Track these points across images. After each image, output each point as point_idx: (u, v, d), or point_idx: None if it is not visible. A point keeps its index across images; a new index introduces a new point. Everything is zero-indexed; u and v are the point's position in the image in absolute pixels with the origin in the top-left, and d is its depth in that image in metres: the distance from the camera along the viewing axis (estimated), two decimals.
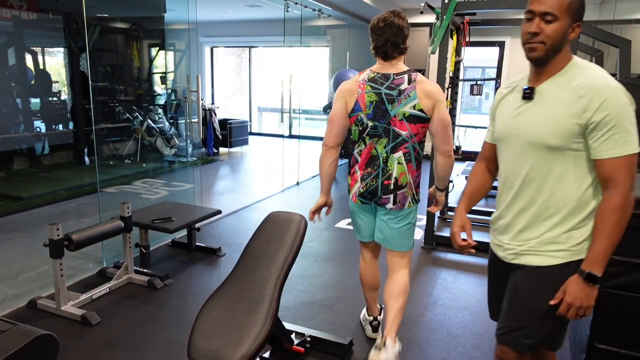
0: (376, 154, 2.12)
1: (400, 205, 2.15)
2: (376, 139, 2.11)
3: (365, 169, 2.16)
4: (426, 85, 2.10)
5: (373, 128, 2.10)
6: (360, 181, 2.17)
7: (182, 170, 6.91)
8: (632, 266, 1.82)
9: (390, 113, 2.07)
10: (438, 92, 2.11)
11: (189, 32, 6.66)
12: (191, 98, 4.63)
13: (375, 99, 2.08)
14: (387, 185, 2.12)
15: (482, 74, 13.89)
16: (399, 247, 2.27)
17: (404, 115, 2.06)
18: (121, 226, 2.96)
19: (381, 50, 2.16)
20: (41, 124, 6.64)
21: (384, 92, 2.08)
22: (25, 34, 6.24)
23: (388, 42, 2.14)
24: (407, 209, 2.18)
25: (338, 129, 2.18)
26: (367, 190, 2.16)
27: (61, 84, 7.07)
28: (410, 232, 2.26)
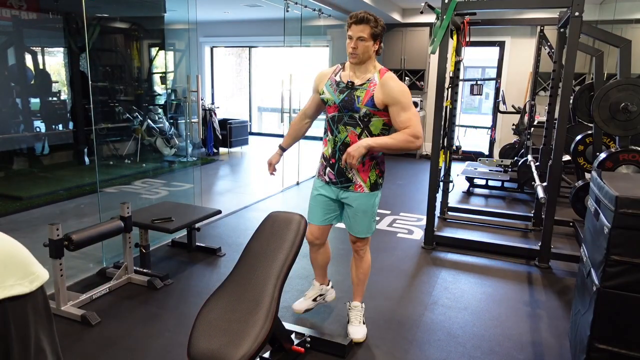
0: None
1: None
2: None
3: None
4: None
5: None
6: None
7: (182, 170, 6.91)
8: (632, 266, 1.82)
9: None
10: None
11: (189, 32, 6.65)
12: (191, 98, 4.63)
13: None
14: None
15: (482, 74, 13.87)
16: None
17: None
18: (121, 226, 2.96)
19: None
20: (41, 124, 6.64)
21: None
22: (25, 34, 6.24)
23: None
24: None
25: None
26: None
27: (61, 84, 7.07)
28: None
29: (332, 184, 2.42)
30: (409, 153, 8.36)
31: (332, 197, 2.45)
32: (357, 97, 2.26)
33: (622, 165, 3.54)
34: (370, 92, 2.24)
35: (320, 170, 2.49)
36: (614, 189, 1.87)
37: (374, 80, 2.26)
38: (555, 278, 3.41)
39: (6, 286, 0.86)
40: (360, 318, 2.60)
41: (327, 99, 2.35)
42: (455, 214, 4.85)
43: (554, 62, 4.13)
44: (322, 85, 2.39)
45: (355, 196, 2.39)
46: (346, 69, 2.36)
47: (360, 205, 2.39)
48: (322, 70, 2.48)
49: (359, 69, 2.29)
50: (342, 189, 2.41)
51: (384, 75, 2.27)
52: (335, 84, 2.34)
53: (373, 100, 2.23)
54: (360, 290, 2.62)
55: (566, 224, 4.44)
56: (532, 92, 5.46)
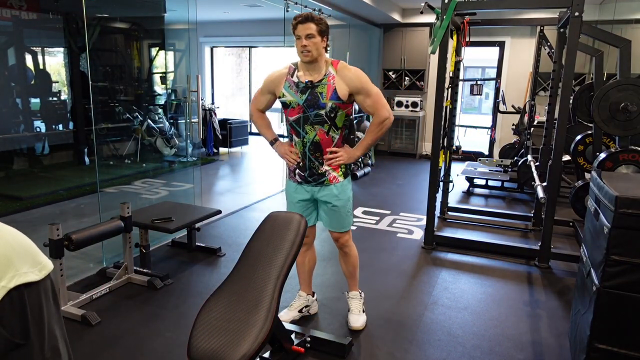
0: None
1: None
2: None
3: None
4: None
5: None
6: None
7: (182, 170, 6.91)
8: (632, 266, 1.82)
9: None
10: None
11: (189, 32, 6.64)
12: (191, 98, 4.62)
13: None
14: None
15: (482, 74, 13.88)
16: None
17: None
18: (121, 226, 2.96)
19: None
20: (41, 124, 6.63)
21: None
22: (25, 34, 6.24)
23: None
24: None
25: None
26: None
27: (61, 84, 7.07)
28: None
29: (305, 183, 2.44)
30: (409, 153, 8.36)
31: (307, 197, 2.48)
32: (319, 94, 2.28)
33: (622, 165, 3.54)
34: (331, 86, 2.27)
35: (290, 173, 2.50)
36: (614, 189, 1.87)
37: (330, 73, 2.29)
38: (555, 278, 3.41)
39: (21, 273, 0.93)
40: (360, 307, 2.67)
41: (290, 101, 2.34)
42: (455, 214, 4.85)
43: (554, 62, 4.13)
44: (279, 88, 2.37)
45: (332, 189, 2.41)
46: (300, 69, 2.35)
47: (338, 199, 2.42)
48: (273, 71, 2.44)
49: (313, 67, 2.29)
50: (317, 186, 2.43)
51: (337, 66, 2.30)
52: (294, 85, 2.33)
53: (337, 92, 2.27)
54: (354, 281, 2.71)
55: (566, 224, 4.44)
56: (532, 92, 5.46)
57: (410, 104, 8.16)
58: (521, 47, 7.61)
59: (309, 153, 2.37)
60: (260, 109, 2.54)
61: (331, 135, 2.34)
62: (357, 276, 2.72)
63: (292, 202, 2.54)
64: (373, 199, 5.43)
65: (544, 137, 4.15)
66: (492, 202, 5.55)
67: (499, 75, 7.89)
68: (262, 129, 2.58)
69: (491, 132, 7.96)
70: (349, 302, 2.72)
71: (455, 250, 3.86)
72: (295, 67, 2.37)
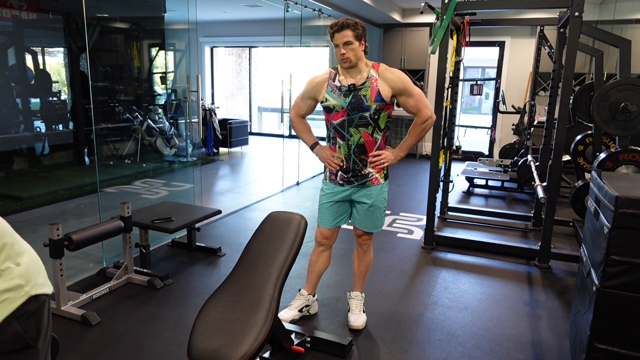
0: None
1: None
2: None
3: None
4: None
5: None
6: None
7: (182, 170, 6.91)
8: (632, 266, 1.82)
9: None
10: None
11: (189, 32, 6.65)
12: (191, 98, 4.62)
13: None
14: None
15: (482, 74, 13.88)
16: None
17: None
18: (121, 226, 2.96)
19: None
20: (41, 124, 6.64)
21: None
22: (25, 34, 6.24)
23: None
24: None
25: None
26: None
27: (61, 84, 7.07)
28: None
29: (348, 184, 2.46)
30: (409, 153, 8.33)
31: (345, 199, 2.51)
32: (363, 97, 2.31)
33: (622, 165, 3.54)
34: (375, 89, 2.30)
35: (331, 175, 2.51)
36: (614, 189, 1.87)
37: (373, 76, 2.32)
38: (555, 278, 3.41)
39: (40, 284, 1.09)
40: (361, 307, 2.69)
41: (334, 105, 2.36)
42: (455, 214, 4.85)
43: (554, 62, 4.13)
44: (322, 92, 2.40)
45: (373, 190, 2.45)
46: (341, 73, 2.37)
47: (376, 199, 2.47)
48: (315, 76, 2.45)
49: (353, 71, 2.32)
50: (358, 188, 2.46)
51: (379, 69, 2.34)
52: (337, 89, 2.36)
53: (380, 95, 2.30)
54: (362, 282, 2.74)
55: (566, 224, 4.44)
56: (532, 92, 5.46)
57: None
58: (521, 47, 7.61)
59: (353, 155, 2.40)
60: (301, 114, 2.56)
61: (375, 137, 2.38)
62: (365, 278, 2.74)
63: (325, 203, 2.55)
64: None
65: (544, 137, 4.15)
66: (492, 202, 5.55)
67: (499, 75, 7.89)
68: (302, 133, 2.59)
69: (491, 132, 7.96)
70: (350, 302, 2.72)
71: (455, 250, 3.86)
72: (336, 71, 2.39)
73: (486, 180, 6.03)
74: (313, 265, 2.71)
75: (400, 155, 2.45)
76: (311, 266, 2.72)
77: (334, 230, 2.61)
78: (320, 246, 2.66)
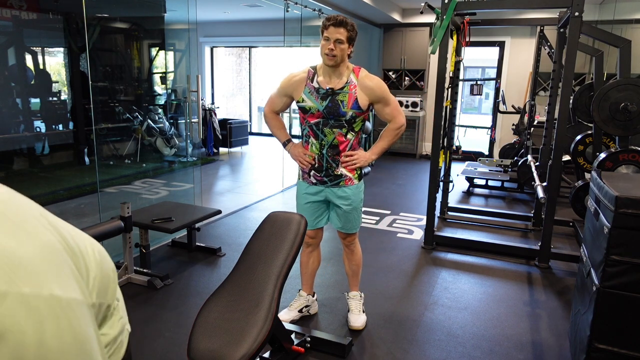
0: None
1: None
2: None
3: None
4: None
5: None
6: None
7: (182, 170, 6.91)
8: (632, 266, 1.82)
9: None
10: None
11: (189, 32, 6.64)
12: (191, 98, 4.62)
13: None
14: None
15: (482, 74, 13.88)
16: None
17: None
18: (121, 226, 2.96)
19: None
20: (41, 124, 6.63)
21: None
22: (25, 34, 6.23)
23: None
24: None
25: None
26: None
27: (61, 84, 7.07)
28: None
29: (321, 184, 2.45)
30: (409, 153, 8.37)
31: (320, 198, 2.50)
32: (340, 102, 2.29)
33: (622, 165, 3.54)
34: (353, 95, 2.29)
35: (304, 174, 2.51)
36: (614, 189, 1.87)
37: (352, 81, 2.30)
38: (555, 278, 3.41)
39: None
40: (360, 307, 2.69)
41: (309, 106, 2.35)
42: (455, 214, 4.85)
43: (554, 62, 4.13)
44: (299, 92, 2.37)
45: (347, 191, 2.43)
46: (320, 73, 2.35)
47: (352, 200, 2.45)
48: (293, 74, 2.42)
49: (334, 72, 2.30)
50: (332, 187, 2.44)
51: (359, 75, 2.32)
52: (314, 90, 2.33)
53: (357, 102, 2.29)
54: (356, 281, 2.74)
55: (566, 224, 4.44)
56: (532, 92, 5.46)
57: (410, 104, 8.16)
58: (521, 47, 7.61)
59: (326, 155, 2.39)
60: (276, 110, 2.55)
61: (348, 137, 2.38)
62: (359, 276, 2.74)
63: (301, 204, 2.55)
64: (373, 199, 5.43)
65: (544, 137, 4.15)
66: (492, 202, 5.55)
67: (499, 75, 7.89)
68: (275, 129, 2.59)
69: (491, 132, 7.96)
70: (349, 302, 2.72)
71: (455, 250, 3.86)
72: (314, 71, 2.37)
73: (486, 180, 6.03)
74: (305, 266, 2.72)
75: (372, 157, 2.45)
76: (303, 267, 2.73)
77: (317, 230, 2.62)
78: (308, 247, 2.68)
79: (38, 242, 0.48)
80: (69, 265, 0.56)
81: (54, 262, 0.49)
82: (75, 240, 0.68)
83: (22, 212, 0.54)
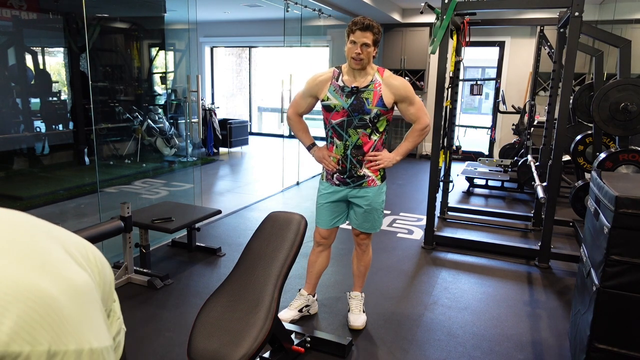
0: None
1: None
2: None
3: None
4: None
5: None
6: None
7: (182, 170, 6.91)
8: (632, 266, 1.82)
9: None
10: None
11: (189, 32, 6.65)
12: (191, 98, 4.62)
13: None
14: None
15: (482, 74, 13.88)
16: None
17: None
18: (121, 226, 2.96)
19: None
20: (41, 124, 6.63)
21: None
22: (25, 34, 6.23)
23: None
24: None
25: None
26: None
27: (61, 84, 7.07)
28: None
29: (343, 185, 2.46)
30: (409, 153, 8.33)
31: (341, 199, 2.50)
32: (365, 100, 2.31)
33: (622, 165, 3.54)
34: (378, 93, 2.30)
35: (328, 175, 2.51)
36: (614, 189, 1.87)
37: (377, 80, 2.32)
38: (555, 278, 3.41)
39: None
40: (361, 307, 2.70)
41: (334, 104, 2.36)
42: (455, 214, 4.85)
43: (554, 62, 4.13)
44: (324, 91, 2.38)
45: (369, 191, 2.45)
46: (345, 73, 2.36)
47: (373, 201, 2.46)
48: (318, 74, 2.43)
49: (360, 72, 2.32)
50: (354, 189, 2.45)
51: (384, 74, 2.34)
52: (339, 89, 2.35)
53: (382, 100, 2.31)
54: (361, 282, 2.75)
55: (566, 224, 4.44)
56: (532, 92, 5.46)
57: None
58: (521, 47, 7.61)
59: (350, 156, 2.40)
60: (300, 112, 2.54)
61: (373, 138, 2.38)
62: (365, 278, 2.75)
63: (321, 203, 2.55)
64: None
65: (544, 137, 4.15)
66: (492, 202, 5.55)
67: (499, 75, 7.89)
68: (300, 133, 2.58)
69: (491, 132, 7.96)
70: (350, 302, 2.72)
71: (455, 250, 3.86)
72: (339, 70, 2.38)
73: (486, 180, 6.03)
74: (312, 265, 2.71)
75: (396, 159, 2.45)
76: (310, 266, 2.72)
77: (332, 231, 2.61)
78: (319, 246, 2.66)
79: (71, 282, 0.49)
80: (98, 303, 0.56)
81: (88, 308, 0.49)
82: (85, 252, 0.68)
83: (48, 245, 0.54)
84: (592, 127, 4.19)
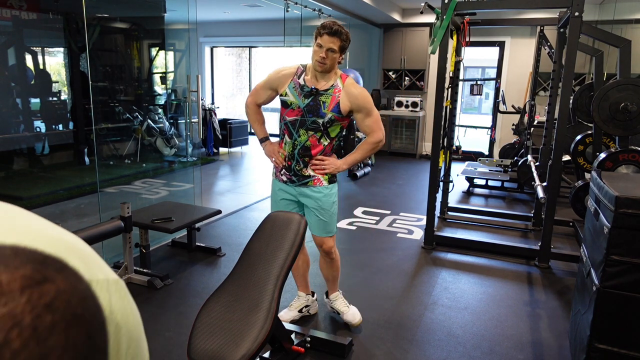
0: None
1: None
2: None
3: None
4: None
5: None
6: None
7: (182, 170, 6.91)
8: (632, 266, 1.82)
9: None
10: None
11: (189, 32, 6.64)
12: (191, 98, 4.62)
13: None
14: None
15: (482, 74, 13.88)
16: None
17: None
18: (121, 226, 2.96)
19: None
20: (41, 124, 6.63)
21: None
22: (25, 34, 6.23)
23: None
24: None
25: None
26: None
27: (61, 84, 7.07)
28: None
29: (290, 182, 2.46)
30: (409, 153, 8.36)
31: (292, 198, 2.49)
32: (322, 103, 2.29)
33: (622, 165, 3.54)
34: (335, 99, 2.29)
35: (277, 172, 2.52)
36: (614, 189, 1.87)
37: (337, 86, 2.31)
38: (555, 278, 3.41)
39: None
40: (345, 302, 2.69)
41: (291, 102, 2.35)
42: (455, 214, 4.85)
43: (554, 62, 4.13)
44: (284, 86, 2.37)
45: (315, 191, 2.42)
46: (308, 72, 2.35)
47: (323, 202, 2.43)
48: (282, 67, 2.42)
49: (322, 75, 2.31)
50: (300, 187, 2.44)
51: (345, 81, 2.32)
52: (299, 87, 2.33)
53: (339, 106, 2.29)
54: (336, 284, 2.72)
55: (566, 224, 4.44)
56: (532, 92, 5.46)
57: (410, 104, 8.16)
58: (521, 47, 7.61)
59: (297, 155, 2.39)
60: (259, 102, 2.53)
61: (322, 142, 2.37)
62: (338, 278, 2.71)
63: (275, 200, 2.55)
64: (373, 199, 5.43)
65: (544, 137, 4.15)
66: (492, 202, 5.55)
67: (499, 75, 7.89)
68: (255, 124, 2.58)
69: (491, 132, 7.96)
70: (334, 305, 2.71)
71: (455, 250, 3.86)
72: (303, 69, 2.37)
73: (486, 180, 6.03)
74: (295, 269, 2.69)
75: (343, 167, 2.42)
76: (293, 270, 2.69)
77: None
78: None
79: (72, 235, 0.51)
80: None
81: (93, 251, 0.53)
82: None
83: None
84: (592, 127, 4.19)
